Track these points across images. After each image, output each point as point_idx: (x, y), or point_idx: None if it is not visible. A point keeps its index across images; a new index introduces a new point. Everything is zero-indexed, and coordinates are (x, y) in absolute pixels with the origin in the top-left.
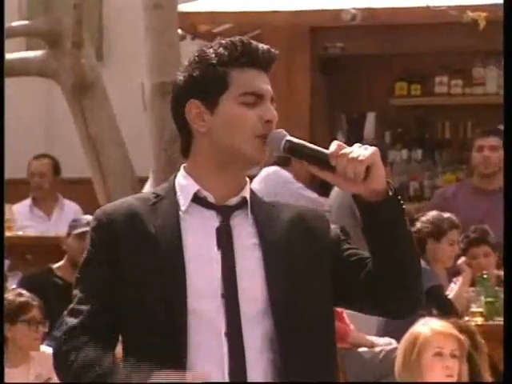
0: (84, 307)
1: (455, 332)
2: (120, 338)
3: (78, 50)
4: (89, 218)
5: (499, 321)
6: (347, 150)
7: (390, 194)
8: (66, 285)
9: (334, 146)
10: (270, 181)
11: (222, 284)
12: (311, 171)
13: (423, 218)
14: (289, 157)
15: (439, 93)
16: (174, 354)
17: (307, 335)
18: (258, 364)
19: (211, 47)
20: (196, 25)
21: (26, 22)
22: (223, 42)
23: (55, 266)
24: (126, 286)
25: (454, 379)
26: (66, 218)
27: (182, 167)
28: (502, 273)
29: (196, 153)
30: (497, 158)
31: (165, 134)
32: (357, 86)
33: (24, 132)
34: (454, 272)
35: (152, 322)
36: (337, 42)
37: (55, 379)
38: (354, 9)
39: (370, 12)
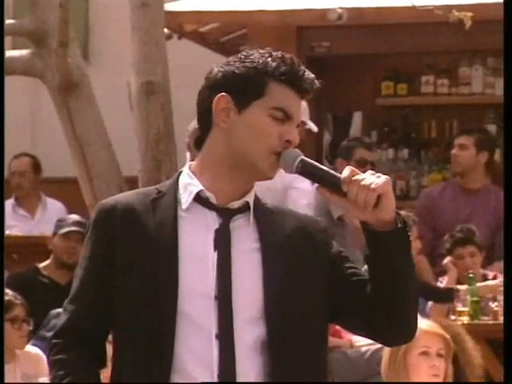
0: (73, 307)
1: (441, 331)
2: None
3: (64, 49)
4: (75, 217)
5: (485, 320)
6: (360, 176)
7: (399, 225)
8: (53, 284)
9: (346, 171)
10: None
11: (215, 286)
12: (321, 193)
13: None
14: None
15: (425, 92)
16: (161, 356)
17: (300, 344)
18: (248, 369)
19: (260, 53)
20: (182, 24)
21: (11, 21)
22: (274, 53)
23: (41, 265)
24: (119, 283)
25: (440, 379)
26: (49, 217)
27: (187, 165)
28: (487, 272)
29: (210, 147)
30: (465, 157)
31: (151, 134)
32: (343, 86)
33: (9, 132)
34: (439, 272)
35: (141, 323)
36: (323, 42)
37: (43, 379)
38: (341, 8)
39: (356, 11)
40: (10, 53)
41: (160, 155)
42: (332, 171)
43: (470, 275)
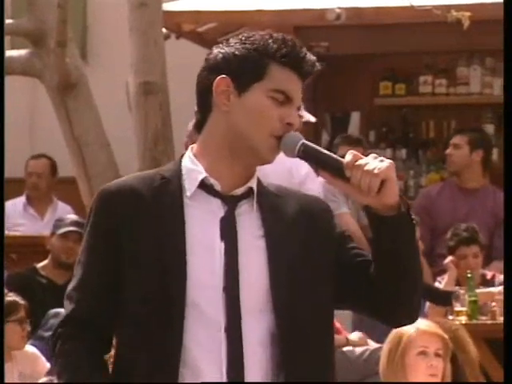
0: (78, 295)
1: (440, 331)
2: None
3: (63, 49)
4: (73, 217)
5: (483, 320)
6: (363, 161)
7: (403, 209)
8: (51, 284)
9: (349, 156)
10: None
11: (223, 277)
12: (323, 177)
13: None
14: None
15: (423, 92)
16: (170, 348)
17: (308, 331)
18: (256, 360)
19: (260, 35)
20: (180, 24)
21: (10, 21)
22: (275, 34)
23: (39, 265)
24: (125, 272)
25: (438, 379)
26: None
27: (189, 148)
28: (486, 272)
29: (210, 130)
30: (459, 156)
31: (149, 133)
32: (341, 86)
33: (8, 131)
34: (438, 271)
35: (149, 313)
36: (321, 42)
37: (43, 379)
38: (339, 8)
39: (354, 11)
40: (8, 53)
41: (158, 155)
42: (334, 155)
43: (469, 275)
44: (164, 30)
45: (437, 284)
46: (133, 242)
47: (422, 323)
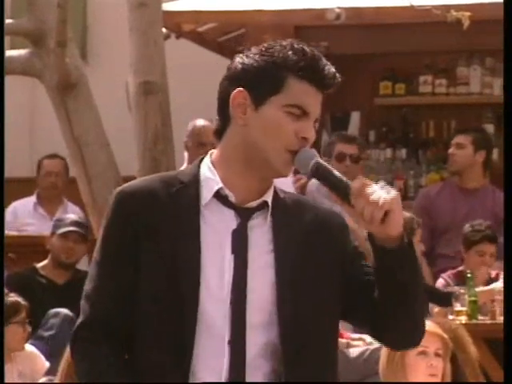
0: (96, 297)
1: (439, 331)
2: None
3: (63, 49)
4: (73, 217)
5: (483, 320)
6: (369, 190)
7: (406, 240)
8: (50, 284)
9: (356, 183)
10: None
11: (231, 291)
12: (333, 198)
13: None
14: None
15: (423, 92)
16: (180, 361)
17: (311, 348)
18: (258, 373)
19: (281, 45)
20: (180, 24)
21: (10, 21)
22: (295, 45)
23: (39, 265)
24: (140, 272)
25: (438, 379)
26: None
27: (208, 154)
28: (490, 271)
29: (227, 141)
30: (462, 156)
31: (149, 134)
32: (341, 86)
33: (8, 131)
34: (437, 271)
35: (161, 321)
36: (321, 42)
37: (43, 379)
38: (339, 8)
39: (354, 11)
40: (8, 53)
41: (158, 155)
42: (344, 179)
43: (468, 275)
44: (164, 29)
45: (440, 280)
46: (150, 244)
47: None
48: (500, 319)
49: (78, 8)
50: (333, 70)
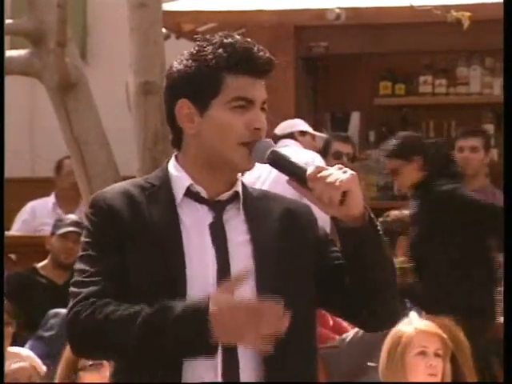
0: (96, 278)
1: (439, 331)
2: None
3: (62, 49)
4: (72, 217)
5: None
6: (325, 173)
7: (366, 219)
8: (50, 284)
9: (312, 168)
10: None
11: (217, 283)
12: (291, 186)
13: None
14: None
15: (423, 92)
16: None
17: (292, 331)
18: (248, 354)
19: (211, 45)
20: (180, 24)
21: (9, 21)
22: (225, 40)
23: (39, 265)
24: (129, 270)
25: (438, 379)
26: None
27: (173, 156)
28: None
29: (186, 150)
30: (477, 159)
31: (149, 133)
32: (341, 86)
33: (7, 131)
34: None
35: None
36: (321, 42)
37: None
38: (339, 8)
39: (354, 11)
40: (8, 53)
41: (158, 155)
42: (302, 164)
43: None
44: (164, 29)
45: None
46: (133, 244)
47: (421, 323)
48: (500, 319)
49: (78, 8)
50: (267, 55)
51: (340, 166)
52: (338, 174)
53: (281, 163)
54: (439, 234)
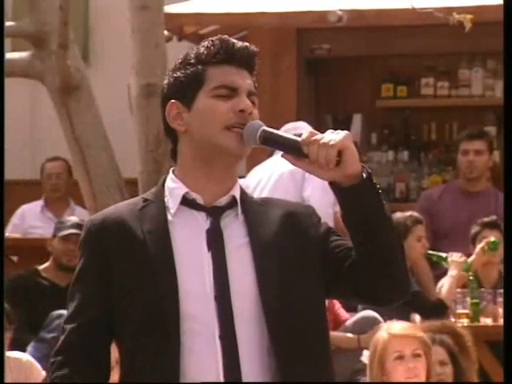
0: (72, 325)
1: (413, 331)
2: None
3: (64, 51)
4: (74, 219)
5: (485, 322)
6: (318, 136)
7: (364, 175)
8: (52, 286)
9: (305, 133)
10: None
11: (214, 286)
12: (287, 160)
13: None
14: None
15: (425, 94)
16: (168, 359)
17: (301, 334)
18: (252, 366)
19: (195, 49)
20: (182, 26)
21: (11, 23)
22: (206, 41)
23: (41, 267)
24: (118, 293)
25: (422, 378)
26: None
27: (171, 170)
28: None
29: (181, 154)
30: (481, 162)
31: (150, 136)
32: (343, 88)
33: (9, 133)
34: (439, 274)
35: (145, 328)
36: (323, 44)
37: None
38: (341, 10)
39: (356, 13)
40: (9, 55)
41: (160, 157)
42: (294, 137)
43: (470, 277)
44: (166, 32)
45: (442, 281)
46: (123, 266)
47: (394, 327)
48: (502, 321)
49: (80, 10)
50: (244, 44)
51: (332, 130)
52: (331, 135)
53: (273, 139)
54: None
